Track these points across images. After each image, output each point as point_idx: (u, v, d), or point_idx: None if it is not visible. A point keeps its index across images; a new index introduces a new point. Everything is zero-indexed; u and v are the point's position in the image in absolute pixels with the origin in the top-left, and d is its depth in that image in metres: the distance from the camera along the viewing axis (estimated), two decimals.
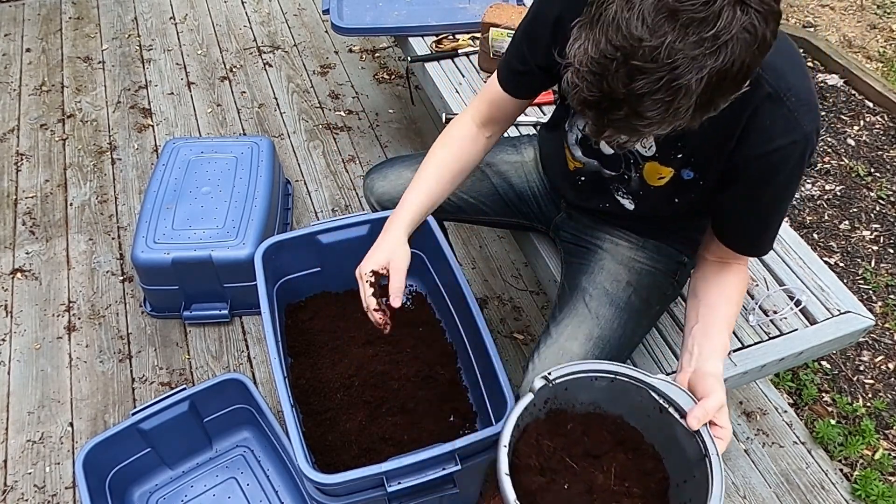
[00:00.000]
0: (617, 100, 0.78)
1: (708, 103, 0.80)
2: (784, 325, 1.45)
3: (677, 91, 0.76)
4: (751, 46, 0.76)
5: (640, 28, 0.74)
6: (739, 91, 0.83)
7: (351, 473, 1.18)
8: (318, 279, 1.67)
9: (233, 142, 2.10)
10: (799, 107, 0.97)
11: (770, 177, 1.02)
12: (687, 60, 0.75)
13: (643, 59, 0.75)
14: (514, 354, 1.95)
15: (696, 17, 0.73)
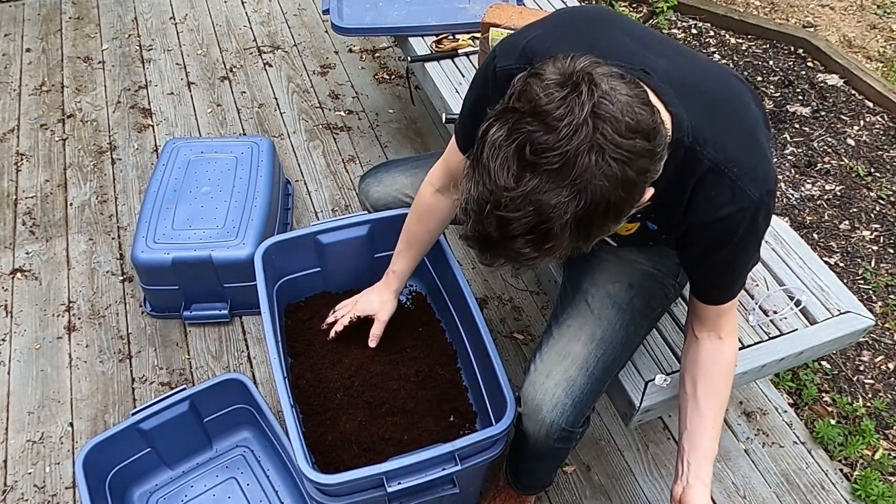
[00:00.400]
0: (492, 241, 0.83)
1: (584, 235, 0.83)
2: (784, 325, 1.45)
3: (546, 234, 0.80)
4: (613, 189, 0.78)
5: (505, 177, 0.78)
6: (624, 217, 0.85)
7: (351, 474, 1.18)
8: (318, 279, 1.67)
9: (233, 142, 2.10)
10: (742, 176, 0.99)
11: (723, 241, 1.04)
12: (549, 207, 0.78)
13: (508, 209, 0.79)
14: (514, 354, 1.95)
15: (553, 168, 0.77)
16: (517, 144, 0.78)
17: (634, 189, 0.82)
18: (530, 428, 1.25)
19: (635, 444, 1.78)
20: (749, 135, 1.03)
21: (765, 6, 3.35)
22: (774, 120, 2.72)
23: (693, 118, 0.98)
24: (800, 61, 2.99)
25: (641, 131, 0.80)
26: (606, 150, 0.77)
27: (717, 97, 1.03)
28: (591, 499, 1.68)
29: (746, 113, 1.05)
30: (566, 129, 0.76)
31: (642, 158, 0.80)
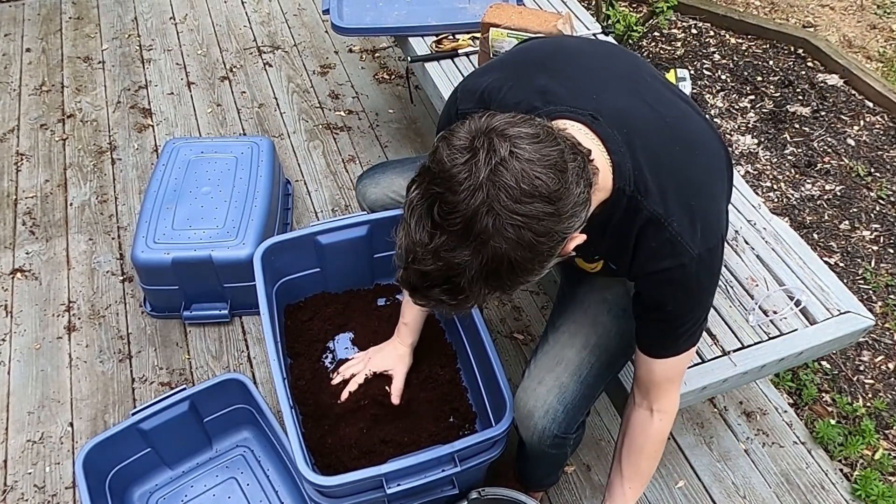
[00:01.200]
0: (416, 289, 0.89)
1: (499, 288, 0.87)
2: (784, 325, 1.45)
3: (456, 287, 0.86)
4: (512, 249, 0.82)
5: (420, 233, 0.84)
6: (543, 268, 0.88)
7: (350, 475, 1.18)
8: (317, 279, 1.67)
9: (233, 142, 2.10)
10: (682, 232, 0.99)
11: (666, 293, 1.05)
12: (456, 265, 0.83)
13: (423, 263, 0.85)
14: (514, 354, 1.95)
15: (456, 230, 0.82)
16: (428, 205, 0.83)
17: (538, 248, 0.84)
18: (524, 434, 1.27)
19: None
20: (696, 188, 1.03)
21: (765, 6, 3.35)
22: (774, 120, 2.72)
23: (637, 167, 0.99)
24: (800, 61, 2.99)
25: (539, 196, 0.82)
26: (501, 216, 0.81)
27: (669, 146, 1.03)
28: (590, 499, 1.68)
29: (700, 164, 1.05)
30: (465, 193, 0.81)
31: (542, 221, 0.82)
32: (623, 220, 1.01)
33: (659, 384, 1.17)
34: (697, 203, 1.02)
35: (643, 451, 1.22)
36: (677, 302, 1.06)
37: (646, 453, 1.23)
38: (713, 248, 1.02)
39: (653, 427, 1.20)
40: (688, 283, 1.03)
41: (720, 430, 1.80)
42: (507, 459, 1.54)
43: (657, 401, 1.18)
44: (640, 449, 1.22)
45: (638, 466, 1.23)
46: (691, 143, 1.07)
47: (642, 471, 1.24)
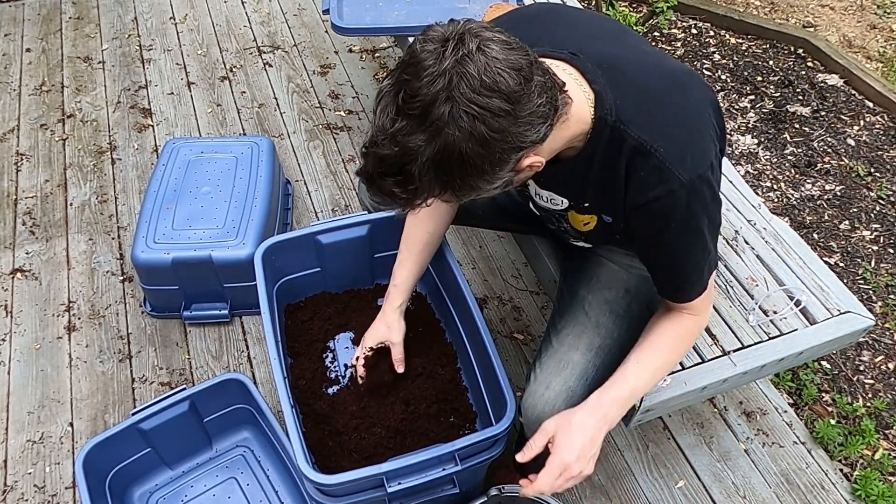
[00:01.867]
0: (372, 178, 0.93)
1: (450, 184, 0.90)
2: (784, 325, 1.45)
3: (407, 175, 0.89)
4: (463, 139, 0.85)
5: (383, 120, 0.88)
6: (494, 174, 0.91)
7: (351, 474, 1.18)
8: (317, 279, 1.67)
9: (233, 142, 2.10)
10: (669, 158, 0.99)
11: (660, 225, 1.04)
12: (410, 150, 0.87)
13: (383, 147, 0.88)
14: (514, 354, 1.95)
15: (415, 114, 0.85)
16: (394, 91, 0.87)
17: (490, 145, 0.86)
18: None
19: (635, 444, 1.78)
20: (681, 118, 1.03)
21: (765, 6, 3.35)
22: (774, 120, 2.72)
23: (619, 97, 1.00)
24: (800, 61, 2.99)
25: (499, 91, 0.84)
26: (459, 103, 0.84)
27: (653, 79, 1.04)
28: (590, 498, 1.68)
29: (683, 98, 1.05)
30: (427, 79, 0.84)
31: (498, 118, 0.85)
32: (609, 153, 1.01)
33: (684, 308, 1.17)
34: (684, 131, 1.02)
35: (662, 337, 1.18)
36: (673, 235, 1.05)
37: (664, 341, 1.18)
38: (703, 175, 1.01)
39: (681, 319, 1.18)
40: (680, 213, 1.02)
41: (720, 430, 1.80)
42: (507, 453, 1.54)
43: (689, 307, 1.17)
44: (662, 332, 1.18)
45: (657, 345, 1.18)
46: (676, 78, 1.07)
47: (659, 351, 1.18)
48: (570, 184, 1.11)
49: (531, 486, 1.12)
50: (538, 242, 1.65)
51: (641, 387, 1.18)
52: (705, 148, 1.03)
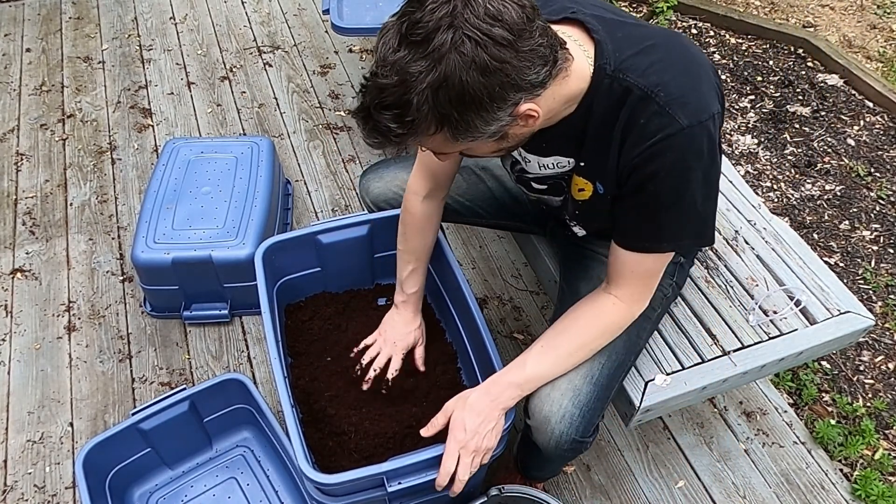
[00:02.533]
0: (368, 112, 0.91)
1: (448, 118, 0.89)
2: (784, 325, 1.45)
3: (406, 105, 0.88)
4: (465, 66, 0.85)
5: (384, 51, 0.88)
6: (492, 113, 0.90)
7: (351, 473, 1.18)
8: (318, 279, 1.67)
9: (233, 142, 2.10)
10: (670, 102, 0.98)
11: (652, 169, 1.01)
12: (411, 77, 0.86)
13: (383, 76, 0.88)
14: (514, 354, 1.93)
15: (418, 40, 0.86)
16: (398, 24, 0.88)
17: (492, 77, 0.86)
18: (540, 439, 1.23)
19: (635, 444, 1.78)
20: (683, 66, 1.02)
21: (765, 6, 3.35)
22: (774, 120, 2.72)
23: (618, 48, 1.00)
24: (800, 61, 2.99)
25: (503, 21, 0.85)
26: (462, 28, 0.84)
27: (649, 36, 1.04)
28: (591, 499, 1.68)
29: (682, 50, 1.05)
30: (431, 6, 0.85)
31: (500, 47, 0.86)
32: (608, 102, 1.01)
33: (625, 277, 1.13)
34: (686, 77, 1.01)
35: (577, 321, 1.18)
36: (660, 181, 1.02)
37: (580, 323, 1.17)
38: (704, 124, 0.99)
39: (601, 303, 1.16)
40: (673, 159, 1.00)
41: (720, 430, 1.80)
42: (507, 453, 1.54)
43: (618, 289, 1.15)
44: (576, 317, 1.18)
45: (569, 331, 1.17)
46: (674, 34, 1.08)
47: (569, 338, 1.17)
48: (570, 140, 1.10)
49: (440, 469, 1.17)
50: (538, 242, 1.65)
51: (543, 373, 1.18)
52: (707, 97, 1.02)
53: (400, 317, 1.48)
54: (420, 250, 1.43)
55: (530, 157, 1.20)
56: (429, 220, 1.40)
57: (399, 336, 1.47)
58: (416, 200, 1.38)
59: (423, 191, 1.36)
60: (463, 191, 1.50)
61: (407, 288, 1.45)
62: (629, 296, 1.16)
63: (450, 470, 1.16)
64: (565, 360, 1.18)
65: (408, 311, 1.47)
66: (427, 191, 1.36)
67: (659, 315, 1.37)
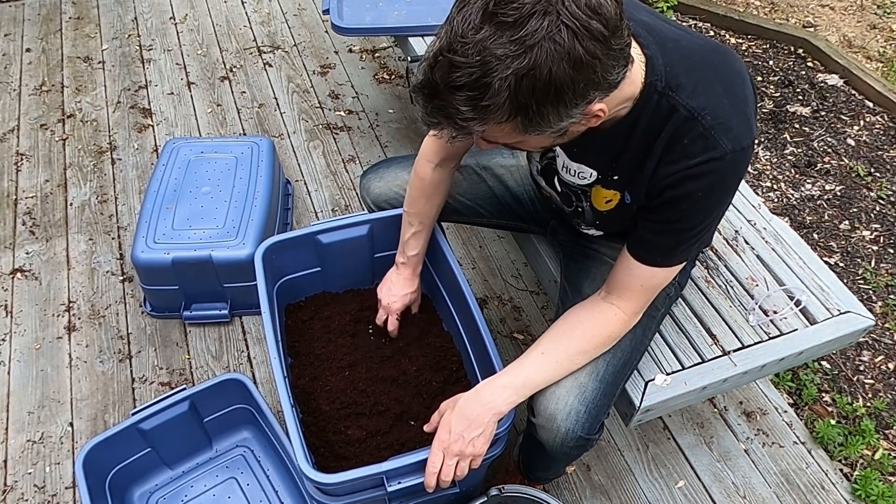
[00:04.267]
0: (436, 90, 0.85)
1: (524, 109, 0.84)
2: (784, 325, 1.45)
3: (484, 88, 0.82)
4: (558, 57, 0.80)
5: (465, 27, 0.81)
6: (569, 109, 0.86)
7: (351, 473, 1.18)
8: (318, 279, 1.67)
9: (233, 142, 2.10)
10: (715, 125, 0.97)
11: (688, 190, 1.01)
12: (494, 59, 0.80)
13: (461, 54, 0.81)
14: (515, 354, 1.94)
15: (508, 21, 0.79)
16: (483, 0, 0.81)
17: (582, 72, 0.82)
18: (545, 437, 1.23)
19: (635, 444, 1.78)
20: (730, 87, 1.01)
21: (765, 6, 3.35)
22: (774, 120, 2.72)
23: (669, 64, 0.98)
24: (800, 61, 2.99)
25: (601, 15, 0.81)
26: (561, 15, 0.79)
27: (697, 51, 1.03)
28: (591, 499, 1.68)
29: (729, 70, 1.03)
30: None
31: (595, 41, 0.81)
32: (654, 119, 0.99)
33: (633, 289, 1.13)
34: (731, 101, 1.00)
35: (578, 326, 1.17)
36: (695, 201, 1.02)
37: (581, 330, 1.16)
38: (746, 149, 0.99)
39: (603, 312, 1.16)
40: (712, 182, 1.00)
41: (720, 430, 1.80)
42: (507, 453, 1.54)
43: (622, 300, 1.15)
44: (577, 322, 1.17)
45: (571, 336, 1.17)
46: (717, 48, 1.06)
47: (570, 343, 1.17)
48: (607, 152, 1.07)
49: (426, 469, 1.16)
50: (538, 242, 1.64)
51: (541, 378, 1.17)
52: (751, 120, 1.01)
53: (398, 277, 1.51)
54: (425, 214, 1.43)
55: (560, 152, 1.20)
56: (438, 187, 1.39)
57: (395, 297, 1.51)
58: (428, 167, 1.37)
59: (436, 158, 1.35)
60: (464, 190, 1.50)
61: (408, 250, 1.46)
62: (631, 308, 1.16)
63: (434, 471, 1.16)
64: (564, 366, 1.18)
65: (406, 271, 1.50)
66: (440, 159, 1.35)
67: (662, 314, 1.37)
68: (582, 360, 1.19)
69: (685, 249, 1.10)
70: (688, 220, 1.05)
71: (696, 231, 1.07)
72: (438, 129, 0.91)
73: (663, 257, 1.10)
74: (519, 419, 1.73)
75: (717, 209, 1.05)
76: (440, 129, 0.91)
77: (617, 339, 1.19)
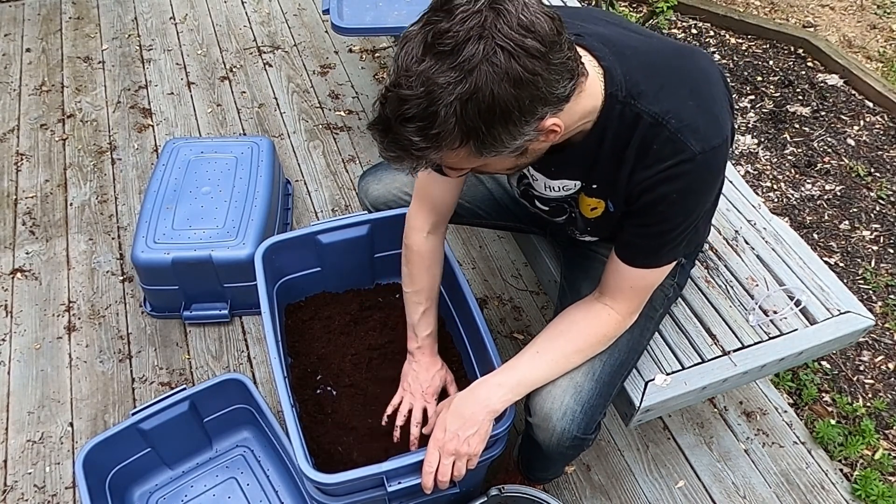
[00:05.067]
0: (389, 124, 0.87)
1: (475, 132, 0.86)
2: (784, 325, 1.45)
3: (432, 117, 0.84)
4: (497, 78, 0.82)
5: (407, 61, 0.84)
6: (520, 127, 0.88)
7: (351, 473, 1.18)
8: (318, 279, 1.67)
9: (233, 142, 2.10)
10: (681, 128, 0.98)
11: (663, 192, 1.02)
12: (437, 87, 0.83)
13: (406, 87, 0.84)
14: (514, 354, 1.94)
15: (446, 50, 0.82)
16: (423, 33, 0.84)
17: (523, 89, 0.84)
18: (541, 436, 1.23)
19: (635, 444, 1.78)
20: (694, 88, 1.01)
21: (765, 6, 3.35)
22: (774, 120, 2.72)
23: (628, 73, 0.99)
24: (800, 61, 2.99)
25: (535, 32, 0.83)
26: (495, 38, 0.81)
27: (657, 56, 1.04)
28: (591, 499, 1.68)
29: (693, 70, 1.04)
30: (461, 16, 0.82)
31: (533, 59, 0.83)
32: (620, 129, 1.00)
33: (624, 291, 1.14)
34: (696, 101, 1.00)
35: (573, 326, 1.17)
36: (671, 203, 1.03)
37: (576, 329, 1.17)
38: (718, 147, 1.00)
39: (597, 313, 1.16)
40: (686, 183, 1.00)
41: (720, 430, 1.80)
42: (507, 453, 1.54)
43: (615, 301, 1.15)
44: (572, 322, 1.17)
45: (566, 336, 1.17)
46: (681, 50, 1.06)
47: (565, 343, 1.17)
48: (583, 164, 1.09)
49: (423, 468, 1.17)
50: (538, 242, 1.65)
51: (536, 377, 1.18)
52: (721, 118, 1.02)
53: (419, 365, 1.41)
54: (430, 288, 1.38)
55: (538, 175, 1.20)
56: (435, 256, 1.36)
57: (424, 385, 1.40)
58: (419, 237, 1.33)
59: (427, 226, 1.33)
60: (462, 192, 1.50)
61: (421, 331, 1.39)
62: (625, 308, 1.17)
63: (430, 470, 1.16)
64: (559, 365, 1.18)
65: (425, 356, 1.41)
66: (430, 225, 1.33)
67: (661, 315, 1.37)
68: (577, 360, 1.19)
69: (670, 250, 1.10)
70: (667, 221, 1.06)
71: (678, 232, 1.07)
72: (399, 163, 0.92)
73: (649, 259, 1.11)
74: (519, 419, 1.73)
75: (696, 209, 1.06)
76: (400, 163, 0.92)
77: (612, 339, 1.20)
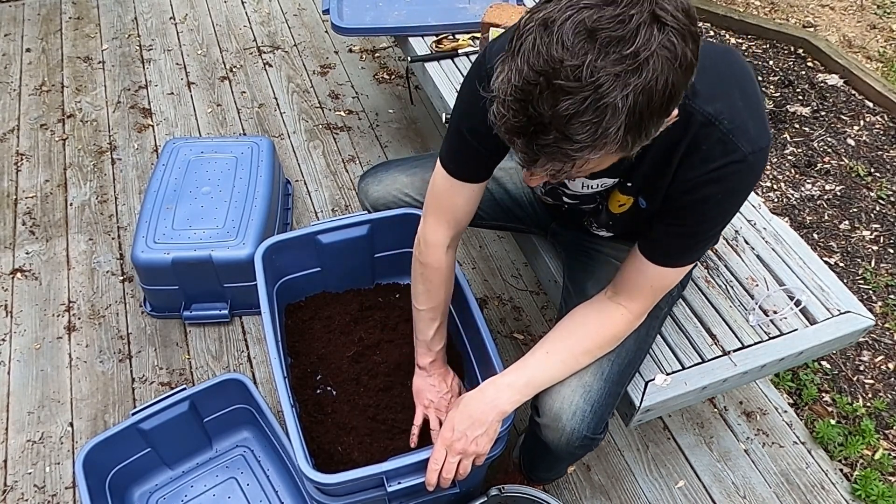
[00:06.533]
0: (544, 124, 0.77)
1: (638, 126, 0.78)
2: (784, 325, 1.44)
3: (604, 111, 0.75)
4: (672, 64, 0.75)
5: (560, 50, 0.73)
6: (668, 117, 0.82)
7: (351, 473, 1.18)
8: (318, 279, 1.67)
9: (233, 142, 2.10)
10: (733, 129, 0.97)
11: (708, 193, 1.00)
12: (610, 78, 0.73)
13: (566, 79, 0.74)
14: (515, 354, 1.95)
15: (615, 36, 0.73)
16: (574, 19, 0.73)
17: (688, 74, 0.78)
18: (550, 437, 1.22)
19: (635, 444, 1.78)
20: (742, 91, 1.01)
21: (765, 6, 3.35)
22: (774, 120, 2.72)
23: None
24: (800, 61, 2.99)
25: (693, 18, 0.78)
26: (668, 23, 0.74)
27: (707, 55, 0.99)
28: (591, 499, 1.68)
29: (739, 70, 1.03)
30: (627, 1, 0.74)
31: (693, 44, 0.78)
32: (672, 128, 0.96)
33: (643, 290, 1.13)
34: (746, 103, 0.99)
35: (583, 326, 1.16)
36: (714, 203, 1.01)
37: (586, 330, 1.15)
38: (764, 149, 0.99)
39: (610, 312, 1.14)
40: (732, 185, 0.99)
41: (720, 430, 1.80)
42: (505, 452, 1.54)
43: (630, 301, 1.14)
44: (582, 322, 1.16)
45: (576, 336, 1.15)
46: (726, 52, 1.04)
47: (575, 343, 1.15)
48: (626, 162, 1.04)
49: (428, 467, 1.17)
50: (538, 242, 1.64)
51: (545, 377, 1.17)
52: (765, 120, 1.01)
53: (435, 378, 1.40)
54: (445, 303, 1.35)
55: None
56: (452, 270, 1.33)
57: (448, 397, 1.41)
58: (440, 253, 1.28)
59: (447, 241, 1.27)
60: None
61: (434, 346, 1.37)
62: (639, 308, 1.16)
63: (436, 468, 1.16)
64: (568, 366, 1.17)
65: (438, 370, 1.40)
66: (450, 240, 1.28)
67: (665, 314, 1.37)
68: (586, 360, 1.18)
69: (699, 250, 1.10)
70: (707, 222, 1.05)
71: (712, 233, 1.07)
72: (540, 167, 0.83)
73: (677, 258, 1.10)
74: (519, 419, 1.73)
75: (734, 210, 1.06)
76: (541, 168, 0.83)
77: (622, 339, 1.19)
